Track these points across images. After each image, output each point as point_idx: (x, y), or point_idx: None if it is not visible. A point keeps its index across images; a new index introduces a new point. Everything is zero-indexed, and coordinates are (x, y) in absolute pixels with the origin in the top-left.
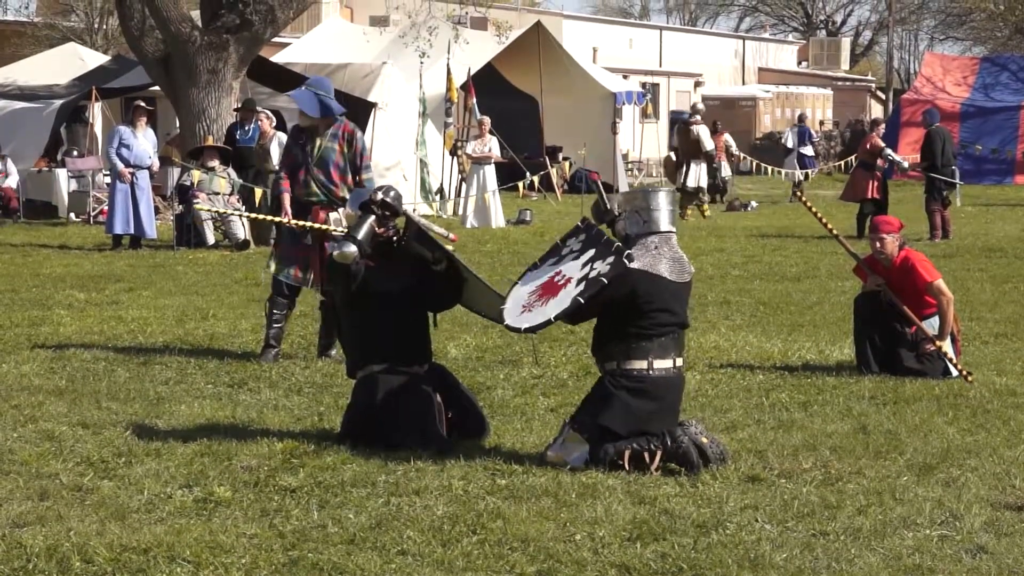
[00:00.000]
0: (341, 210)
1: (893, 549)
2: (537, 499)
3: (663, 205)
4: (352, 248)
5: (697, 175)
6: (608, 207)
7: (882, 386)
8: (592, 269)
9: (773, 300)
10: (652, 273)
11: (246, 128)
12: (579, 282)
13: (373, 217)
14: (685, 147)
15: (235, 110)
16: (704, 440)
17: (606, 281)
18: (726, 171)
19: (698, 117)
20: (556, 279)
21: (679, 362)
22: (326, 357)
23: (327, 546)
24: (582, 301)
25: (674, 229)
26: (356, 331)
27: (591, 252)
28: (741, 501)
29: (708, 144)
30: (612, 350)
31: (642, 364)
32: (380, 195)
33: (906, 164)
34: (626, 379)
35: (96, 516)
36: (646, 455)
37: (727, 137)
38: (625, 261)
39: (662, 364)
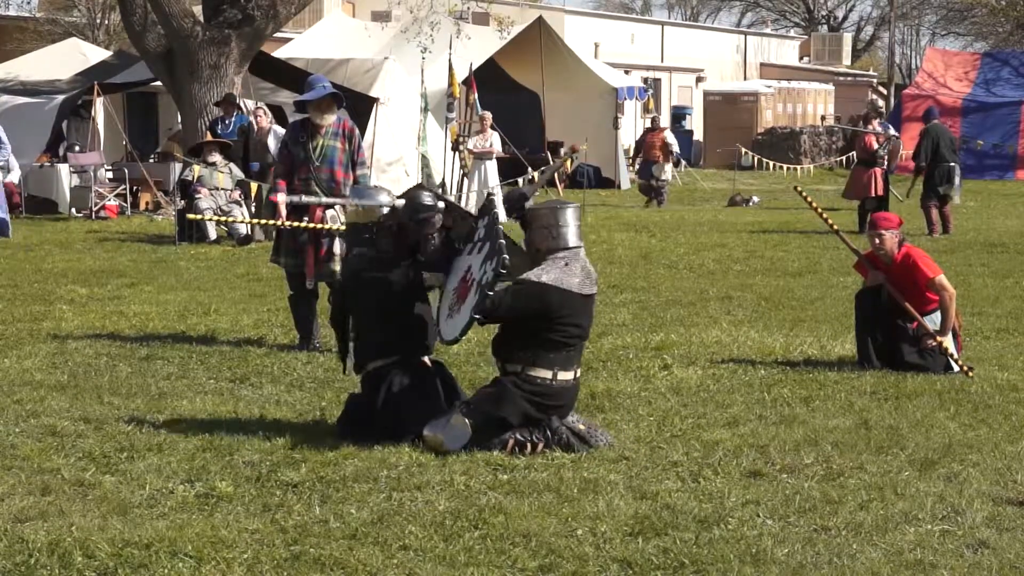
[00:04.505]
0: (338, 207)
1: (895, 544)
2: (539, 494)
3: (571, 221)
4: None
5: None
6: (529, 196)
7: (883, 381)
8: (484, 274)
9: (775, 295)
10: (563, 289)
11: (227, 122)
12: (476, 290)
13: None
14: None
15: (215, 104)
16: (582, 427)
17: (491, 294)
18: (667, 173)
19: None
20: (467, 278)
21: (578, 372)
22: (314, 349)
23: (329, 541)
24: (478, 318)
25: (582, 244)
26: (375, 325)
27: (488, 247)
28: (743, 496)
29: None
30: (517, 354)
31: (546, 374)
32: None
33: (898, 141)
34: (529, 384)
35: (98, 511)
36: (528, 445)
37: (667, 135)
38: (504, 272)
39: (565, 376)
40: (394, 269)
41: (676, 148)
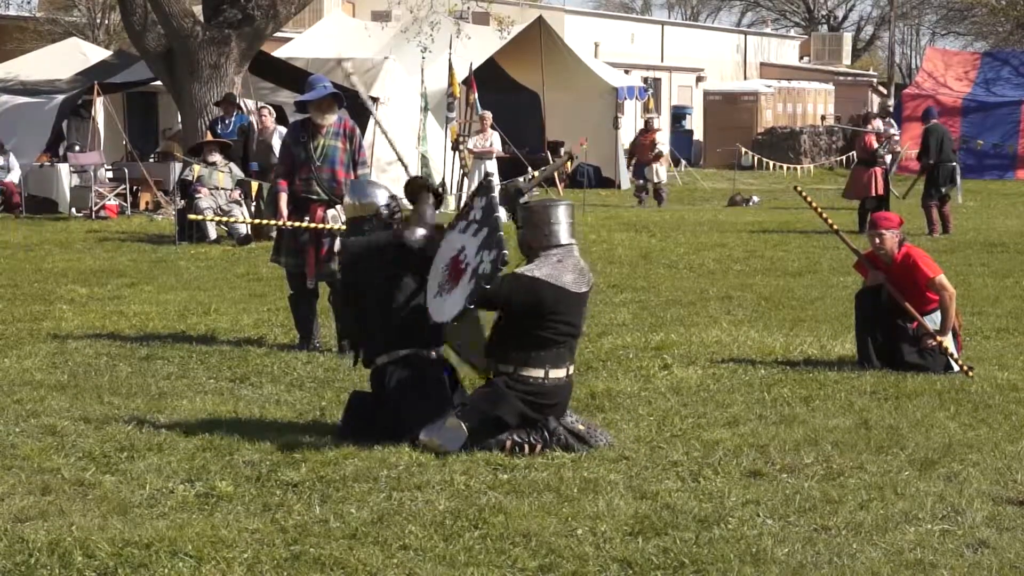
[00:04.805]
0: (339, 206)
1: (895, 544)
2: (539, 494)
3: (563, 219)
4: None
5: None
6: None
7: (883, 381)
8: (481, 262)
9: (775, 295)
10: (557, 285)
11: (227, 122)
12: (471, 277)
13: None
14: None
15: (215, 104)
16: (581, 428)
17: (487, 286)
18: (660, 175)
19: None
20: (460, 259)
21: (571, 370)
22: (314, 349)
23: (329, 541)
24: (471, 307)
25: (575, 241)
26: (376, 323)
27: (484, 233)
28: (743, 496)
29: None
30: (510, 355)
31: (538, 373)
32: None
33: (897, 145)
34: (521, 384)
35: (98, 511)
36: (526, 447)
37: (657, 136)
38: (503, 268)
39: (557, 374)
40: (388, 267)
41: (662, 147)
